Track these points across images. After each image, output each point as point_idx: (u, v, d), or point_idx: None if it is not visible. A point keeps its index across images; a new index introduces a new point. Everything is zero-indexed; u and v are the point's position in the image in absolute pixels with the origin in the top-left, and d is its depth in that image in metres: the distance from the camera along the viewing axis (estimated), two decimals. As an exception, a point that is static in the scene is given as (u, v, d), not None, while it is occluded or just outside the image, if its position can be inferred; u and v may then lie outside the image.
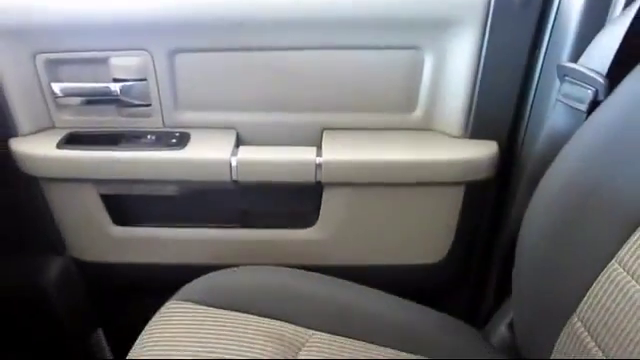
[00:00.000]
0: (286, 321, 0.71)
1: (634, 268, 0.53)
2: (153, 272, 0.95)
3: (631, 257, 0.54)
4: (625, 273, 0.54)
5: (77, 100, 0.88)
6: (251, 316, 0.71)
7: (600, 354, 0.55)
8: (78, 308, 1.01)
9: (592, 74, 0.71)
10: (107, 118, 0.89)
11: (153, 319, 0.73)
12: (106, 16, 0.81)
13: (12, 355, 1.00)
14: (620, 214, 0.56)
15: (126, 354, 0.69)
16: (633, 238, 0.54)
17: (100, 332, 1.05)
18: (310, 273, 0.81)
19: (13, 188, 0.90)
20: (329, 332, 0.72)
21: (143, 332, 0.72)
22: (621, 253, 0.55)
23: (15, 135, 0.87)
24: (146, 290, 0.88)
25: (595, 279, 0.58)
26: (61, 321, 0.97)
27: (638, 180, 0.54)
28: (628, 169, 0.56)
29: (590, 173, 0.61)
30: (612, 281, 0.55)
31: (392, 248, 0.96)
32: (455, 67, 0.85)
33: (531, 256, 0.69)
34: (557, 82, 0.78)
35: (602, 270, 0.58)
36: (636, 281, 0.52)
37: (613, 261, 0.56)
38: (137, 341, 0.71)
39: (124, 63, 0.85)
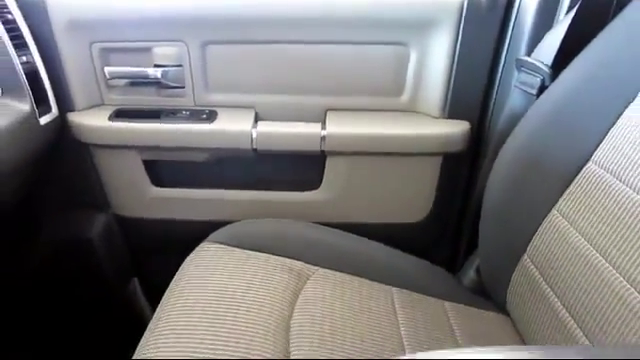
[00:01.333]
0: (298, 259, 0.87)
1: (570, 214, 0.70)
2: (183, 227, 1.11)
3: (567, 206, 0.71)
4: (562, 219, 0.71)
5: (123, 82, 1.05)
6: (270, 255, 0.87)
7: (545, 285, 0.72)
8: (118, 259, 1.16)
9: (541, 65, 0.88)
10: (148, 97, 1.06)
11: (187, 259, 0.88)
12: (150, 12, 0.97)
13: (60, 301, 1.14)
14: (557, 174, 0.73)
15: (158, 302, 0.81)
16: (567, 192, 0.72)
17: (136, 281, 1.21)
18: (318, 225, 0.98)
19: (67, 155, 1.05)
20: (331, 269, 0.87)
21: (179, 270, 0.86)
22: (560, 204, 0.73)
23: (72, 110, 1.04)
24: (176, 242, 1.02)
25: (540, 224, 0.76)
26: (103, 270, 1.12)
27: (569, 149, 0.71)
28: (562, 140, 0.74)
29: (535, 143, 0.79)
30: (553, 226, 0.73)
31: (383, 208, 1.12)
32: (434, 60, 1.02)
33: (492, 211, 0.86)
34: (516, 72, 0.95)
35: (545, 217, 0.75)
36: (571, 225, 0.70)
37: (554, 210, 0.74)
38: (175, 277, 0.85)
39: (164, 52, 1.02)
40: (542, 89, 0.87)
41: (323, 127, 1.03)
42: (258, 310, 0.73)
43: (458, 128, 1.04)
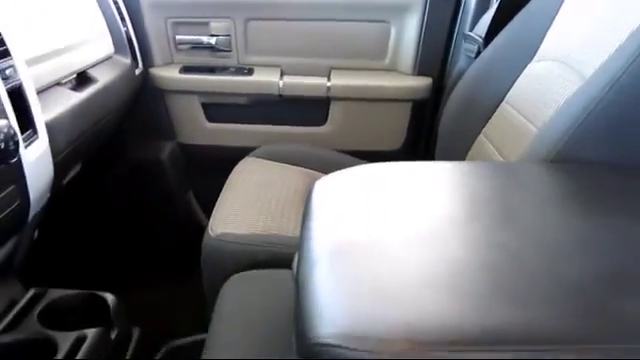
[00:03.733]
0: (310, 169, 1.24)
1: (490, 136, 1.08)
2: (226, 151, 1.49)
3: (489, 131, 1.09)
4: (486, 140, 1.09)
5: (188, 46, 1.45)
6: (291, 166, 1.26)
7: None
8: (179, 175, 1.56)
9: (477, 37, 1.28)
10: (205, 58, 1.46)
11: (235, 168, 1.27)
12: (209, -3, 1.38)
13: (139, 204, 1.53)
14: (484, 109, 1.11)
15: (208, 208, 1.09)
16: (489, 121, 1.10)
17: (191, 192, 1.62)
18: (324, 149, 1.35)
19: (147, 98, 1.45)
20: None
21: (231, 173, 1.25)
22: (485, 130, 1.11)
23: (152, 66, 1.44)
24: (221, 162, 1.35)
25: (473, 143, 1.15)
26: (169, 182, 1.52)
27: (491, 93, 1.10)
28: (488, 87, 1.12)
29: (471, 89, 1.18)
30: (480, 144, 1.11)
31: (369, 139, 1.52)
32: (408, 34, 1.43)
33: (442, 135, 1.26)
34: (463, 42, 1.35)
35: (475, 139, 1.15)
36: (490, 143, 1.06)
37: (481, 135, 1.13)
38: (229, 178, 1.23)
39: (217, 25, 1.42)
40: (478, 54, 1.26)
41: (328, 80, 1.44)
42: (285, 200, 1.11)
43: (424, 82, 1.45)
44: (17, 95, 0.70)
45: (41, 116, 0.76)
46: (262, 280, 0.81)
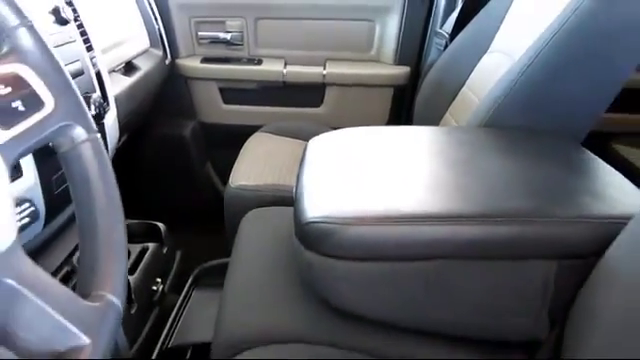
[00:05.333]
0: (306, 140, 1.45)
1: (454, 114, 1.35)
2: (239, 128, 1.73)
3: (453, 111, 1.35)
4: (451, 117, 1.35)
5: (207, 41, 1.71)
6: (293, 139, 1.53)
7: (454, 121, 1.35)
8: (199, 149, 1.82)
9: (445, 33, 1.54)
10: (222, 51, 1.72)
11: (247, 142, 1.53)
12: (225, 0, 1.63)
13: (164, 174, 1.79)
14: (449, 93, 1.38)
15: (224, 178, 1.37)
16: (452, 104, 1.36)
17: (209, 164, 1.88)
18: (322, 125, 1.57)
19: (173, 84, 1.71)
20: None
21: (244, 146, 1.51)
22: (449, 110, 1.36)
23: (178, 57, 1.70)
24: (234, 137, 1.61)
25: (440, 120, 1.41)
26: (191, 155, 1.78)
27: (454, 79, 1.35)
28: (451, 74, 1.37)
29: (438, 76, 1.44)
30: (447, 122, 1.37)
31: (357, 119, 1.75)
32: (390, 30, 1.68)
33: (417, 112, 1.52)
34: (435, 37, 1.61)
35: (442, 117, 1.41)
36: (453, 118, 1.34)
37: (447, 113, 1.39)
38: (242, 149, 1.49)
39: (232, 23, 1.68)
40: (446, 47, 1.52)
41: (324, 69, 1.70)
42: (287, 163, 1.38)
43: (403, 71, 1.71)
44: (98, 77, 0.96)
45: (112, 93, 1.02)
46: (270, 215, 1.07)
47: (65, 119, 0.45)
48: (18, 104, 0.41)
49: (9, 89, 0.41)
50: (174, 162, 1.76)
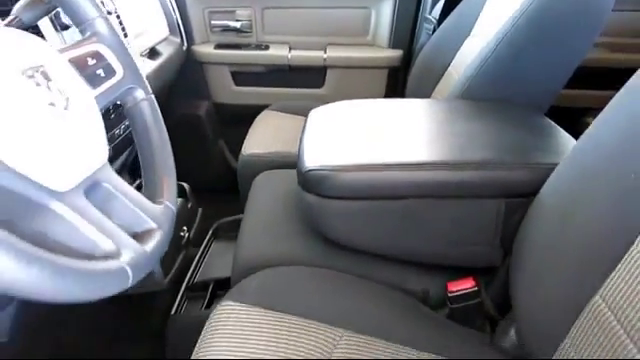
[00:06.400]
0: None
1: (455, 66, 1.52)
2: (248, 108, 1.88)
3: (454, 63, 1.53)
4: (452, 70, 1.53)
5: (220, 29, 1.87)
6: (299, 116, 1.69)
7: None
8: (214, 126, 1.98)
9: (433, 19, 1.69)
10: (232, 38, 1.89)
11: (255, 120, 1.69)
12: (235, -9, 1.79)
13: (183, 148, 1.96)
14: (437, 70, 1.55)
15: (236, 154, 1.52)
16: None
17: (222, 140, 2.04)
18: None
19: (190, 68, 1.87)
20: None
21: (251, 126, 1.68)
22: None
23: (193, 44, 1.87)
24: (243, 116, 1.79)
25: (443, 75, 1.57)
26: (206, 132, 1.94)
27: (440, 60, 1.52)
28: (439, 55, 1.54)
29: (428, 57, 1.60)
30: (447, 75, 1.54)
31: (354, 97, 1.87)
32: (384, 18, 1.84)
33: (412, 82, 1.68)
34: (424, 24, 1.77)
35: (445, 70, 1.57)
36: (454, 71, 1.51)
37: (450, 68, 1.55)
38: (250, 128, 1.66)
39: (241, 13, 1.84)
40: (434, 31, 1.67)
41: (325, 53, 1.86)
42: (292, 136, 1.55)
43: (396, 54, 1.87)
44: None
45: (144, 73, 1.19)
46: (278, 176, 1.23)
47: (130, 83, 0.62)
48: (100, 72, 0.58)
49: (94, 61, 0.58)
50: (191, 138, 1.92)
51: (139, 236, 0.52)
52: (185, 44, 1.79)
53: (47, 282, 0.36)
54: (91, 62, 0.57)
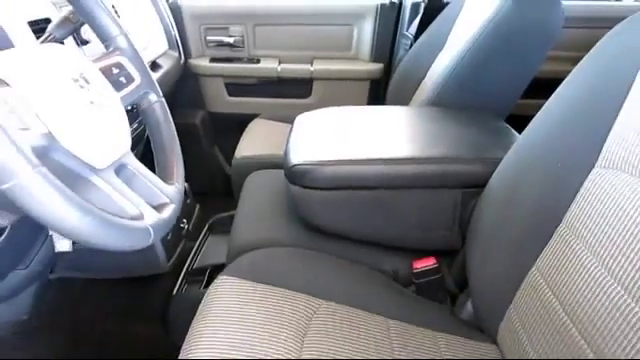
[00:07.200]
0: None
1: (430, 77, 1.66)
2: (240, 117, 2.00)
3: (429, 75, 1.68)
4: (428, 80, 1.68)
5: (214, 44, 2.01)
6: (287, 124, 1.82)
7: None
8: (208, 133, 2.11)
9: (410, 35, 1.84)
10: (226, 52, 2.03)
11: (247, 127, 1.82)
12: (228, 9, 1.94)
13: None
14: (416, 77, 1.69)
15: (228, 157, 1.66)
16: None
17: (216, 147, 2.16)
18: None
19: (186, 80, 2.00)
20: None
21: (243, 133, 1.81)
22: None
23: (190, 57, 2.01)
24: (236, 124, 1.92)
25: (418, 86, 1.72)
26: (201, 138, 2.06)
27: (418, 69, 1.67)
28: (415, 71, 1.69)
29: (406, 70, 1.74)
30: (423, 86, 1.69)
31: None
32: (366, 34, 1.99)
33: (392, 93, 1.82)
34: (403, 38, 1.92)
35: (421, 82, 1.72)
36: (430, 82, 1.65)
37: (425, 79, 1.70)
38: (243, 134, 1.80)
39: (234, 29, 1.98)
40: (411, 46, 1.82)
41: (311, 66, 2.01)
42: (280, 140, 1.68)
43: (377, 67, 2.02)
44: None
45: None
46: (267, 175, 1.36)
47: (145, 88, 0.75)
48: (122, 79, 0.71)
49: (117, 70, 0.71)
50: (187, 145, 2.02)
51: (156, 208, 0.64)
52: (182, 58, 1.93)
53: (96, 229, 0.48)
54: (115, 71, 0.70)
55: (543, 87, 1.79)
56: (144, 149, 1.38)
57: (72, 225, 0.46)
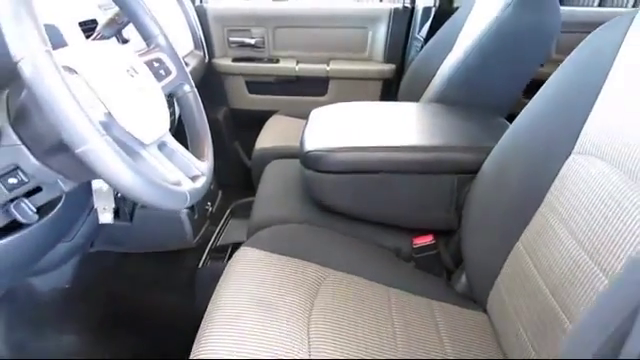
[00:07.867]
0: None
1: (439, 76, 1.77)
2: (261, 113, 2.09)
3: (438, 74, 1.79)
4: (438, 79, 1.79)
5: (237, 45, 2.14)
6: (304, 120, 1.93)
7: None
8: (231, 128, 2.23)
9: (421, 38, 1.95)
10: (248, 52, 2.16)
11: (266, 123, 1.94)
12: (250, 12, 2.07)
13: None
14: (427, 75, 1.80)
15: (249, 151, 1.79)
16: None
17: (237, 142, 2.28)
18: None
19: (210, 78, 2.12)
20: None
21: (263, 128, 1.93)
22: None
23: (214, 57, 2.14)
24: (255, 120, 2.01)
25: (429, 84, 1.83)
26: (223, 135, 2.19)
27: (427, 70, 1.77)
28: (425, 68, 1.79)
29: (418, 69, 1.85)
30: (433, 83, 1.81)
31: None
32: (379, 37, 2.11)
33: (403, 92, 1.93)
34: (415, 41, 2.02)
35: (431, 81, 1.83)
36: (439, 80, 1.77)
37: (434, 78, 1.81)
38: (262, 129, 1.91)
39: (256, 31, 2.11)
40: (422, 48, 1.92)
41: (327, 66, 2.13)
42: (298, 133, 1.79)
43: (390, 67, 2.13)
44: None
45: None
46: (285, 164, 1.47)
47: (181, 80, 0.87)
48: (162, 71, 0.83)
49: (158, 64, 0.83)
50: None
51: (191, 178, 0.76)
52: (207, 57, 2.06)
53: (147, 189, 0.60)
54: (156, 65, 0.83)
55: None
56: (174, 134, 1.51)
57: (129, 184, 0.58)
